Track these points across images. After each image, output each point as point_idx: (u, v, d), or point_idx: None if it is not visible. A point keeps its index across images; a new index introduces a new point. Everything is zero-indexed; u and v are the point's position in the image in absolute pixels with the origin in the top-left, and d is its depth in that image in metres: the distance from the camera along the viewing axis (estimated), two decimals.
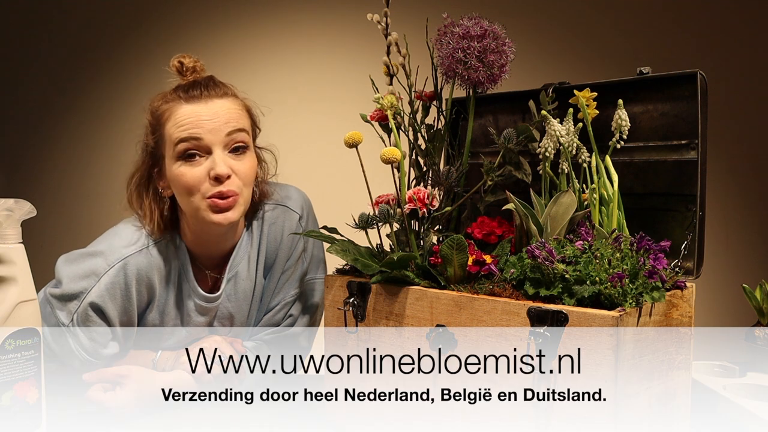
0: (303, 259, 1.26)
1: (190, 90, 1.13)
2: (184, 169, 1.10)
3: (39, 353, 0.92)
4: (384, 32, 1.08)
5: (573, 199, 0.92)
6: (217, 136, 1.10)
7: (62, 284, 1.12)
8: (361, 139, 0.98)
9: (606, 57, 2.91)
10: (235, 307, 1.24)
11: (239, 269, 1.22)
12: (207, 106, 1.11)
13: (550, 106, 1.02)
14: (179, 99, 1.12)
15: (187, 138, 1.09)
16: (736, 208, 2.96)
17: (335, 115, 2.93)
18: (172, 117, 1.12)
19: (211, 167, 1.09)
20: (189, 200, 1.11)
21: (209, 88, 1.13)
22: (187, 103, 1.11)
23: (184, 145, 1.09)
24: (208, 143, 1.10)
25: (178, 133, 1.10)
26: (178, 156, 1.10)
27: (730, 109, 2.83)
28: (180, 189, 1.12)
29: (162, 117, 1.13)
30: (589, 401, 0.76)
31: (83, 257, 1.14)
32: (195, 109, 1.11)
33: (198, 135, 1.09)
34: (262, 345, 1.28)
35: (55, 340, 1.14)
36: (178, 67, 1.17)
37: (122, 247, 1.14)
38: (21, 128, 3.35)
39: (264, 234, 1.24)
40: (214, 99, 1.12)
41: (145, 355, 1.20)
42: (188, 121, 1.10)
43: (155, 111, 1.15)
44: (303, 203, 1.28)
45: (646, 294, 0.80)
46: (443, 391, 0.90)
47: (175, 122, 1.11)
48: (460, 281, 0.92)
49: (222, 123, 1.11)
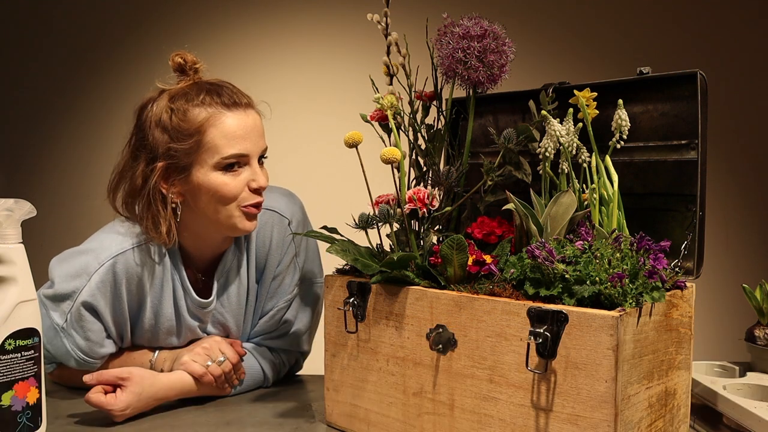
0: (295, 264, 1.25)
1: (224, 96, 1.11)
2: (227, 179, 1.09)
3: (39, 353, 0.92)
4: (384, 32, 1.08)
5: (573, 199, 0.92)
6: (256, 148, 1.12)
7: (55, 284, 1.12)
8: (361, 139, 0.98)
9: (606, 57, 2.91)
10: (229, 313, 1.23)
11: (230, 273, 1.22)
12: (248, 117, 1.12)
13: (550, 106, 1.02)
14: (218, 105, 1.10)
15: (236, 155, 1.09)
16: (736, 208, 2.97)
17: (335, 115, 2.93)
18: (218, 126, 1.09)
19: (251, 179, 1.11)
20: (223, 208, 1.11)
21: (242, 96, 1.14)
22: (230, 111, 1.10)
23: (231, 159, 1.09)
24: (251, 157, 1.12)
25: (227, 147, 1.08)
26: (221, 167, 1.09)
27: (730, 109, 2.83)
28: (217, 197, 1.10)
29: (204, 124, 1.08)
30: (589, 401, 0.76)
31: (74, 256, 1.14)
32: (240, 119, 1.10)
33: (246, 151, 1.10)
34: (262, 346, 1.27)
35: (50, 342, 1.13)
36: (181, 64, 1.14)
37: (113, 245, 1.13)
38: (21, 128, 3.35)
39: (253, 238, 1.23)
40: (249, 109, 1.13)
41: (142, 355, 1.20)
42: (238, 133, 1.09)
43: (186, 114, 1.09)
44: (293, 207, 1.26)
45: (646, 294, 0.80)
46: (443, 391, 0.90)
47: (222, 133, 1.08)
48: (460, 281, 0.92)
49: (260, 135, 1.13)
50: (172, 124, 1.09)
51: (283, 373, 1.30)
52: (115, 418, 1.05)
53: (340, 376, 1.04)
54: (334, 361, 1.05)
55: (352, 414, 1.03)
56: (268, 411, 1.13)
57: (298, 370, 1.37)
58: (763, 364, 1.18)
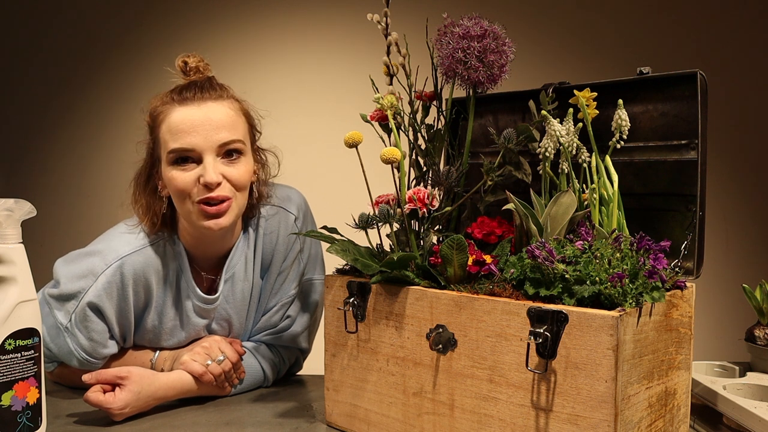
0: (299, 260, 1.26)
1: (183, 92, 1.12)
2: (176, 174, 1.10)
3: (39, 353, 0.92)
4: (384, 32, 1.08)
5: (573, 199, 0.92)
6: (208, 142, 1.09)
7: (60, 284, 1.12)
8: (361, 139, 0.98)
9: (606, 57, 2.91)
10: (233, 309, 1.24)
11: (236, 270, 1.22)
12: (200, 110, 1.10)
13: (550, 106, 1.02)
14: (172, 101, 1.11)
15: (178, 149, 1.09)
16: (736, 208, 2.96)
17: (335, 115, 2.93)
18: (165, 121, 1.11)
19: (201, 174, 1.09)
20: (182, 204, 1.12)
21: (204, 90, 1.12)
22: (180, 106, 1.10)
23: (176, 154, 1.09)
24: (200, 151, 1.09)
25: (171, 141, 1.09)
26: (171, 161, 1.10)
27: (730, 109, 2.83)
28: (173, 192, 1.12)
29: (157, 119, 1.13)
30: (589, 401, 0.76)
31: (81, 257, 1.14)
32: (187, 113, 1.10)
33: (189, 146, 1.08)
34: (262, 345, 1.28)
35: (53, 341, 1.14)
36: (182, 67, 1.16)
37: (120, 247, 1.14)
38: (21, 128, 3.35)
39: (260, 235, 1.24)
40: (207, 102, 1.11)
41: (143, 355, 1.20)
42: (180, 128, 1.09)
43: (152, 112, 1.14)
44: (299, 204, 1.28)
45: (646, 294, 0.80)
46: (443, 391, 0.90)
47: (168, 127, 1.10)
48: (460, 281, 0.92)
49: (213, 129, 1.09)
50: (147, 122, 1.16)
51: (283, 371, 1.31)
52: (114, 417, 1.05)
53: (340, 376, 1.04)
54: (334, 361, 1.05)
55: (352, 414, 1.03)
56: (268, 411, 1.13)
57: (299, 370, 1.37)
58: (763, 364, 1.18)
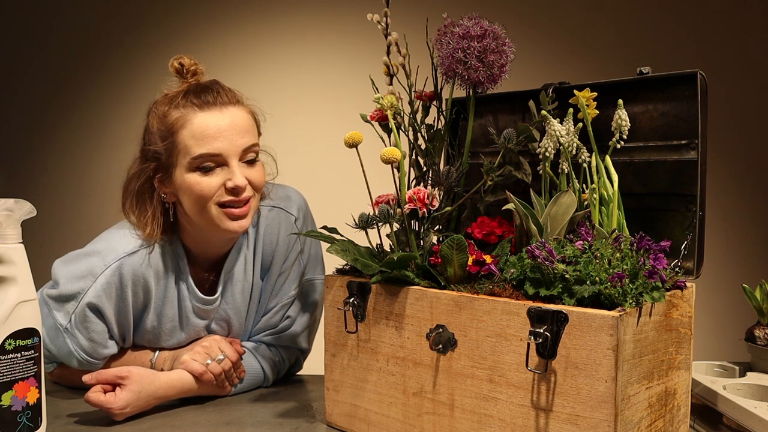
0: (300, 260, 1.26)
1: (201, 95, 1.11)
2: (199, 179, 1.09)
3: (39, 353, 0.92)
4: (384, 32, 1.08)
5: (573, 199, 0.92)
6: (234, 147, 1.09)
7: (59, 285, 1.12)
8: (361, 139, 0.98)
9: (606, 57, 2.91)
10: (233, 309, 1.24)
11: (235, 271, 1.22)
12: (222, 115, 1.09)
13: (550, 106, 1.02)
14: (192, 106, 1.10)
15: (205, 155, 1.08)
16: (736, 208, 2.97)
17: (335, 115, 2.93)
18: (187, 126, 1.09)
19: (228, 178, 1.09)
20: (202, 209, 1.10)
21: (221, 94, 1.11)
22: (202, 111, 1.09)
23: (203, 160, 1.08)
24: (226, 156, 1.09)
25: (196, 147, 1.08)
26: (193, 167, 1.09)
27: (730, 109, 2.83)
28: (193, 197, 1.10)
29: (175, 125, 1.09)
30: (589, 401, 0.76)
31: (80, 258, 1.14)
32: (211, 118, 1.09)
33: (216, 151, 1.08)
34: (262, 345, 1.28)
35: (52, 341, 1.13)
36: (178, 69, 1.15)
37: (119, 247, 1.13)
38: (21, 128, 3.35)
39: (260, 236, 1.24)
40: (228, 106, 1.11)
41: (142, 355, 1.20)
42: (207, 133, 1.08)
43: (164, 117, 1.11)
44: (299, 205, 1.28)
45: (646, 294, 0.80)
46: (443, 391, 0.90)
47: (191, 133, 1.08)
48: (460, 281, 0.92)
49: (238, 133, 1.09)
50: (156, 126, 1.12)
51: (283, 371, 1.31)
52: (115, 416, 1.05)
53: (340, 376, 1.04)
54: (334, 361, 1.05)
55: (352, 414, 1.03)
56: (268, 411, 1.13)
57: (299, 369, 1.37)
58: (763, 364, 1.18)
